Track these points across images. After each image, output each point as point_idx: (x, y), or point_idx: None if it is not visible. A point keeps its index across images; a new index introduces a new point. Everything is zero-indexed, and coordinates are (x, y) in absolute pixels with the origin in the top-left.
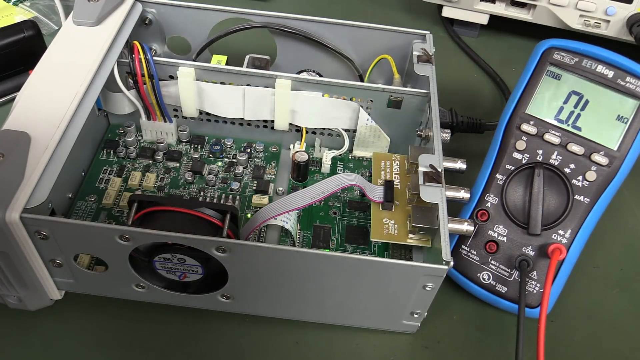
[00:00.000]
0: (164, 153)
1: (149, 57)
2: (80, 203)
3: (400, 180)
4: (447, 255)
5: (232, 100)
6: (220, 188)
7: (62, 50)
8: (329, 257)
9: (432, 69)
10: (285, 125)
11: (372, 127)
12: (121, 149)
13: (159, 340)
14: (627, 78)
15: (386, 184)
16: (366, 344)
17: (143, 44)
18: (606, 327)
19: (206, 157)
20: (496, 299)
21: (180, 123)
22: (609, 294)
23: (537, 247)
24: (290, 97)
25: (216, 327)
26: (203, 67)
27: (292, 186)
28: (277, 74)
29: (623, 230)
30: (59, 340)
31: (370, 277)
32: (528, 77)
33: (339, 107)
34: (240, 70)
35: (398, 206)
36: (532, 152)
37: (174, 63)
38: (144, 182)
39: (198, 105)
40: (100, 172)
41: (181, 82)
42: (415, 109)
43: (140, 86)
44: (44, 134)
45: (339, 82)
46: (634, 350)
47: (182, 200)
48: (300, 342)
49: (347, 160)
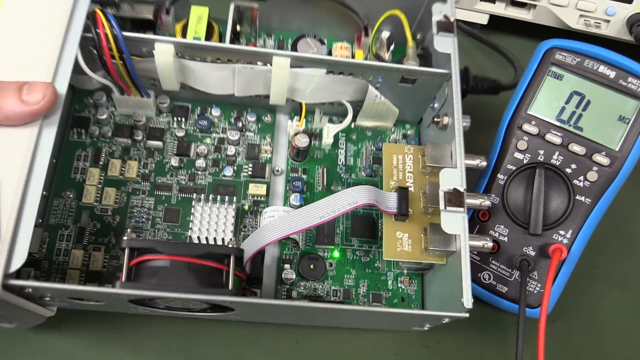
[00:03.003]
0: (143, 131)
1: (116, 31)
2: (57, 202)
3: (414, 180)
4: (468, 303)
5: (221, 78)
6: (212, 174)
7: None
8: (341, 311)
9: (454, 43)
10: (282, 101)
11: (381, 102)
12: (94, 127)
13: (159, 340)
14: (629, 79)
15: (400, 192)
16: (366, 344)
17: (106, 12)
18: (606, 327)
19: (192, 132)
20: (497, 299)
21: (160, 93)
22: (609, 294)
23: (537, 247)
24: (289, 75)
25: (216, 327)
26: (184, 43)
27: (292, 167)
28: (273, 52)
29: (623, 230)
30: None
31: (386, 321)
32: (530, 77)
33: (344, 82)
34: (230, 48)
35: (412, 215)
36: (533, 152)
37: (148, 39)
38: (125, 171)
39: (180, 79)
40: (74, 159)
41: (159, 61)
42: (431, 86)
43: (109, 64)
44: (7, 170)
45: (346, 60)
46: (634, 350)
47: (181, 246)
48: (300, 342)
49: (350, 130)
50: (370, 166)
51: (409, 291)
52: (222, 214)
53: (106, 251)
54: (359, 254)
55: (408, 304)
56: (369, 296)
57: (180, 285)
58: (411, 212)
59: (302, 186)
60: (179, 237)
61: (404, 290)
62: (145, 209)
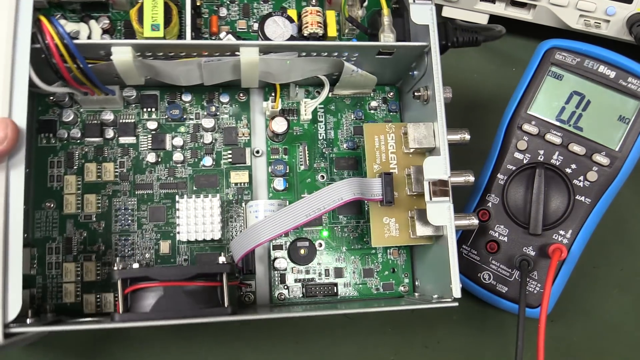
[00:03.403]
0: (114, 128)
1: (66, 39)
2: (39, 214)
3: (397, 161)
4: (457, 292)
5: (187, 71)
6: (191, 165)
7: None
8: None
9: (432, 12)
10: (255, 85)
11: (358, 75)
12: (62, 131)
13: (159, 343)
14: (629, 79)
15: (384, 178)
16: (366, 344)
17: (52, 18)
18: (606, 327)
19: (164, 123)
20: (497, 299)
21: (125, 85)
22: (609, 294)
23: (537, 247)
24: (260, 62)
25: (216, 327)
26: (142, 44)
27: (271, 148)
28: (239, 43)
29: (623, 230)
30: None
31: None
32: (530, 77)
33: (318, 60)
34: (193, 44)
35: (398, 198)
36: (533, 152)
37: (103, 44)
38: (102, 174)
39: (144, 75)
40: (47, 166)
41: (118, 64)
42: (410, 56)
43: (65, 75)
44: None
45: (317, 43)
46: (634, 350)
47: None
48: (300, 342)
49: (328, 100)
50: (351, 138)
51: (398, 262)
52: (207, 206)
53: (97, 259)
54: (347, 230)
55: (398, 274)
56: (360, 271)
57: (178, 310)
58: (396, 196)
59: (284, 170)
60: (166, 235)
61: (393, 261)
62: (129, 210)
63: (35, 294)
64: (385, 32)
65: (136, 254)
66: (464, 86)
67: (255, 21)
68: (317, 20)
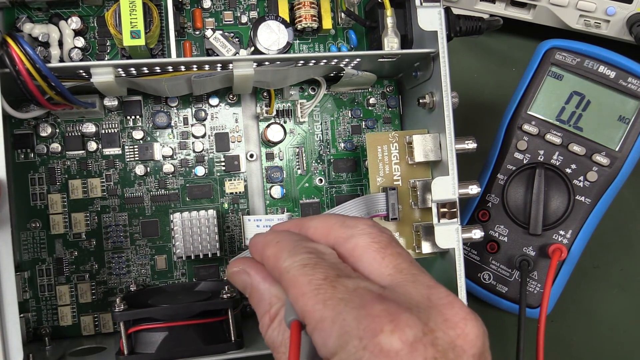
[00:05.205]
0: (96, 140)
1: (38, 63)
2: (24, 235)
3: (401, 172)
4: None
5: (174, 85)
6: (182, 175)
7: None
8: None
9: (441, 16)
10: (248, 92)
11: (359, 76)
12: (41, 146)
13: None
14: (629, 79)
15: (389, 194)
16: None
17: (20, 39)
18: (606, 327)
19: (150, 131)
20: (497, 299)
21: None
22: (609, 294)
23: (537, 247)
24: (254, 74)
25: None
26: (124, 64)
27: (267, 153)
28: (231, 58)
29: (623, 230)
30: None
31: None
32: (530, 78)
33: (316, 66)
34: (181, 61)
35: (402, 211)
36: (533, 153)
37: (80, 67)
38: (88, 190)
39: (127, 86)
40: (29, 184)
41: (99, 85)
42: (414, 59)
43: (40, 100)
44: None
45: (319, 55)
46: (634, 350)
47: (177, 309)
48: None
49: (325, 98)
50: (349, 138)
51: None
52: (203, 218)
53: (91, 278)
54: None
55: None
56: None
57: (184, 349)
58: (400, 209)
59: (281, 177)
60: (161, 250)
61: None
62: (120, 226)
63: (30, 318)
64: (389, 35)
65: (132, 271)
66: (464, 86)
67: (242, 12)
68: (312, 14)
